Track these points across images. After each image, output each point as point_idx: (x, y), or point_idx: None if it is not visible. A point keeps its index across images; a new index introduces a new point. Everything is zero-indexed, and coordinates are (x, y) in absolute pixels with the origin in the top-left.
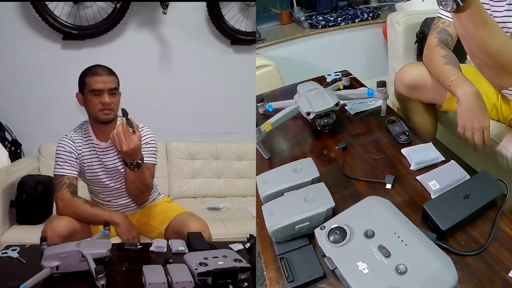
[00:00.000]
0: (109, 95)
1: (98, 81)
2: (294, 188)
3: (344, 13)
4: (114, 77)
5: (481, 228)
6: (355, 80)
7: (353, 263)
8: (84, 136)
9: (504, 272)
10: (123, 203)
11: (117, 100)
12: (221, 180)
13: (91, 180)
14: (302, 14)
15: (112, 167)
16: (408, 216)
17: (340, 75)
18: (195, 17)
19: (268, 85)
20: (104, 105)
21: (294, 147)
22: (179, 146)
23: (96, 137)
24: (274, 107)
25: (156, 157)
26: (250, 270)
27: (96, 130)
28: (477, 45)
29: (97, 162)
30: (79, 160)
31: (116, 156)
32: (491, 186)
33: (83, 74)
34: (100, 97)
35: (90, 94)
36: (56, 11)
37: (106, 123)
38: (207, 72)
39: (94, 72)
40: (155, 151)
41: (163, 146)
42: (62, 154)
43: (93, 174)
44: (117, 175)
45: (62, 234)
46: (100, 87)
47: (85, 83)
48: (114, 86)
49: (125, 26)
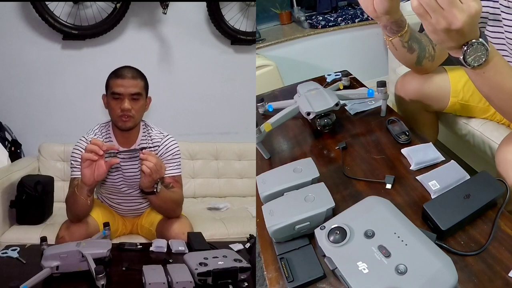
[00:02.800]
0: (130, 101)
1: (119, 84)
2: (294, 188)
3: (344, 13)
4: (138, 81)
5: (481, 228)
6: (355, 80)
7: (353, 263)
8: (105, 139)
9: (504, 272)
10: (134, 208)
11: (139, 106)
12: (221, 180)
13: (106, 184)
14: (302, 14)
15: (132, 174)
16: (408, 216)
17: (340, 75)
18: (195, 17)
19: (268, 85)
20: (123, 111)
21: (294, 147)
22: (179, 146)
23: (117, 141)
24: (274, 107)
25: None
26: (250, 270)
27: (117, 134)
28: (505, 98)
29: (115, 167)
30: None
31: (137, 164)
32: (491, 186)
33: (109, 76)
34: (120, 101)
35: (111, 97)
36: (56, 11)
37: (124, 130)
38: (207, 72)
39: (118, 74)
40: (180, 161)
41: None
42: (78, 156)
43: (110, 179)
44: (135, 183)
45: (81, 238)
46: (120, 91)
47: (108, 85)
48: (137, 91)
49: (125, 26)
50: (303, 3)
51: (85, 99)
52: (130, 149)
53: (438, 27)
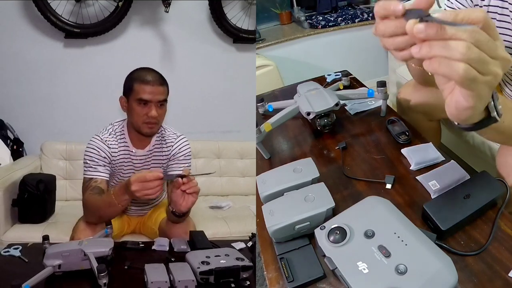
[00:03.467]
0: (157, 108)
1: (148, 91)
2: (294, 188)
3: (344, 13)
4: (165, 88)
5: (481, 228)
6: (355, 80)
7: (353, 263)
8: (119, 141)
9: (504, 272)
10: (139, 208)
11: (164, 111)
12: (223, 178)
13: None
14: (302, 14)
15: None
16: (408, 216)
17: (340, 75)
18: (197, 15)
19: (268, 85)
20: (149, 118)
21: (294, 147)
22: None
23: (132, 143)
24: (274, 107)
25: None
26: (252, 269)
27: (132, 135)
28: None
29: (128, 169)
30: (111, 165)
31: (152, 169)
32: (491, 186)
33: (131, 78)
34: (146, 108)
35: (136, 103)
36: (58, 9)
37: (147, 136)
38: (210, 71)
39: (145, 79)
40: (191, 162)
41: None
42: (93, 155)
43: (121, 181)
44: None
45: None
46: (148, 98)
47: (133, 89)
48: (164, 97)
49: (127, 25)
50: (303, 3)
51: (87, 97)
52: (169, 175)
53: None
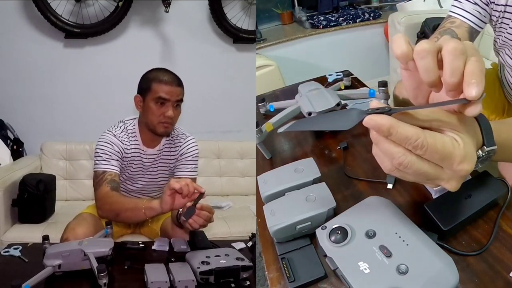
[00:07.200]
0: (174, 108)
1: (167, 90)
2: (295, 188)
3: (346, 13)
4: (182, 88)
5: (483, 228)
6: (356, 80)
7: (355, 263)
8: (131, 139)
9: (506, 272)
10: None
11: (178, 112)
12: (223, 178)
13: (123, 183)
14: (304, 14)
15: (153, 177)
16: (409, 216)
17: (341, 75)
18: (197, 15)
19: (269, 85)
20: (166, 118)
21: (295, 147)
22: None
23: (143, 142)
24: (275, 107)
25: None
26: (252, 269)
27: (143, 134)
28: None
29: (138, 167)
30: (122, 160)
31: (159, 168)
32: (493, 186)
33: (148, 77)
34: (164, 107)
35: (153, 102)
36: (58, 9)
37: (162, 136)
38: (210, 71)
39: (164, 80)
40: (197, 163)
41: None
42: (107, 149)
43: (129, 178)
44: (155, 186)
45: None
46: (167, 97)
47: (151, 88)
48: (181, 98)
49: (127, 25)
50: (305, 3)
51: (87, 97)
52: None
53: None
